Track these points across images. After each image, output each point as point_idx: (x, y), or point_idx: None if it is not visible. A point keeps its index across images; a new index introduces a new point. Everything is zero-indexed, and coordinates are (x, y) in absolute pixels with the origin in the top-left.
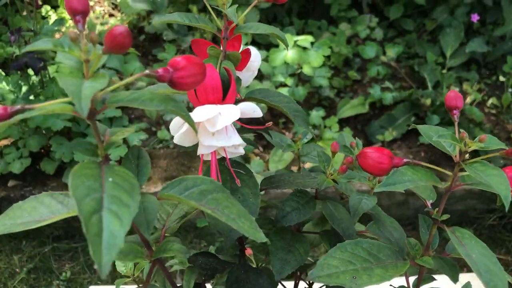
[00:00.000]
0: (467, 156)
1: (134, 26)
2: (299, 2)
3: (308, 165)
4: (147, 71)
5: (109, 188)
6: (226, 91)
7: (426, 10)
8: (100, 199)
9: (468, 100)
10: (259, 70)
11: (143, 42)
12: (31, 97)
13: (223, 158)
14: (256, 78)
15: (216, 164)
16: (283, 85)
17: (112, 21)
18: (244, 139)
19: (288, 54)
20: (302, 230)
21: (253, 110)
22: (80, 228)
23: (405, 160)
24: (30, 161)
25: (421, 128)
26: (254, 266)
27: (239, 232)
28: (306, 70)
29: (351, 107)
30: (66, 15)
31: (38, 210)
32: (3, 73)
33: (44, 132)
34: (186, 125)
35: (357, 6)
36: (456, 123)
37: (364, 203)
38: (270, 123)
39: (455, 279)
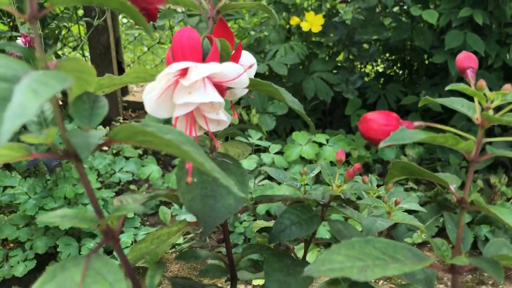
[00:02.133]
0: (490, 112)
1: None
2: (316, 114)
3: None
4: None
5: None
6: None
7: (444, 118)
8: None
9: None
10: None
11: (164, 155)
12: (44, 199)
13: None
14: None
15: (192, 126)
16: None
17: None
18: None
19: (304, 149)
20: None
21: (236, 71)
22: None
23: (416, 123)
24: (35, 264)
25: (440, 101)
26: None
27: (220, 214)
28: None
29: None
30: None
31: None
32: (19, 176)
33: (53, 232)
34: (160, 86)
35: None
36: (472, 83)
37: (380, 223)
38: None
39: (499, 276)
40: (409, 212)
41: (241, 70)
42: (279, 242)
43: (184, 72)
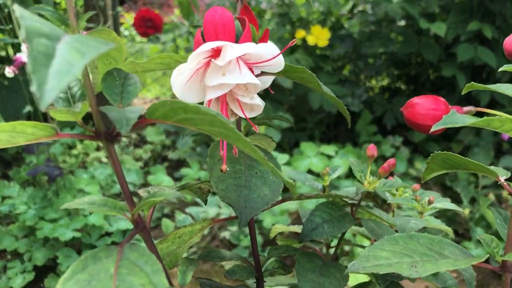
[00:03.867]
0: None
1: (159, 155)
2: (321, 127)
3: None
4: None
5: None
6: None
7: (451, 134)
8: None
9: None
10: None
11: (167, 168)
12: (44, 209)
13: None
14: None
15: (225, 111)
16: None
17: (139, 151)
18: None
19: (313, 162)
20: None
21: (272, 52)
22: None
23: (466, 108)
24: (34, 276)
25: (487, 87)
26: None
27: (256, 205)
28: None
29: None
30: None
31: None
32: (18, 186)
33: (52, 244)
34: (190, 67)
35: (381, 128)
36: None
37: (414, 223)
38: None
39: None
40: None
41: (278, 51)
42: (303, 245)
43: (216, 53)
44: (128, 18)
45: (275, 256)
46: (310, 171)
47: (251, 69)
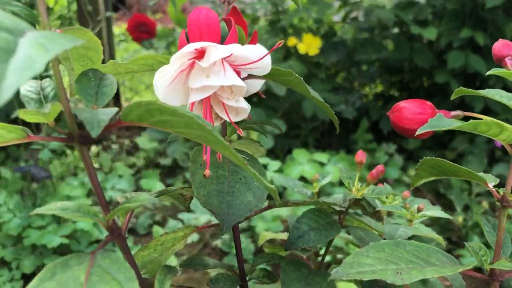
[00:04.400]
0: None
1: (151, 161)
2: (315, 135)
3: None
4: None
5: None
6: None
7: (445, 142)
8: None
9: None
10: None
11: (160, 175)
12: (30, 217)
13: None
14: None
15: (209, 114)
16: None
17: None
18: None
19: (305, 168)
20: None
21: (258, 54)
22: None
23: (453, 112)
24: (22, 284)
25: (477, 92)
26: None
27: (239, 212)
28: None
29: None
30: None
31: None
32: (4, 193)
33: (41, 251)
34: (174, 68)
35: (376, 138)
36: None
37: (402, 231)
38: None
39: None
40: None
41: (264, 52)
42: (290, 253)
43: (200, 54)
44: (121, 25)
45: (261, 264)
46: (302, 178)
47: (237, 72)
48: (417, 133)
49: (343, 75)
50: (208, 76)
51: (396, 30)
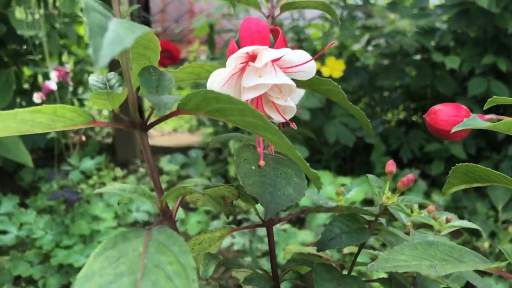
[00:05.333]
0: None
1: (174, 185)
2: (337, 160)
3: None
4: None
5: None
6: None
7: None
8: None
9: None
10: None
11: None
12: (60, 235)
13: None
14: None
15: (261, 108)
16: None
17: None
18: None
19: (328, 190)
20: None
21: (304, 58)
22: None
23: (488, 116)
24: None
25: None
26: None
27: (281, 201)
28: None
29: None
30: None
31: None
32: (34, 212)
33: (67, 270)
34: (228, 70)
35: (397, 162)
36: None
37: (431, 240)
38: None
39: None
40: None
41: (309, 57)
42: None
43: (251, 58)
44: None
45: (293, 267)
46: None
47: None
48: (453, 130)
49: (365, 101)
50: (261, 76)
51: (418, 57)
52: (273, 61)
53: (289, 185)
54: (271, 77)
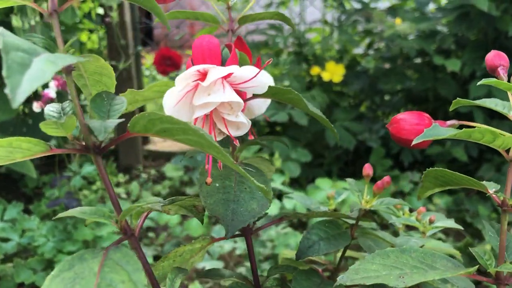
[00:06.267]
0: None
1: (177, 190)
2: (338, 164)
3: None
4: None
5: None
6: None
7: (471, 170)
8: None
9: None
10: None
11: None
12: (62, 242)
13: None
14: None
15: (212, 129)
16: None
17: (158, 187)
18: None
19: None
20: None
21: (253, 73)
22: None
23: (449, 122)
24: None
25: (473, 102)
26: None
27: (243, 218)
28: (345, 209)
29: None
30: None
31: None
32: (37, 219)
33: None
34: (179, 89)
35: (398, 165)
36: (505, 79)
37: (414, 242)
38: None
39: None
40: None
41: (257, 71)
42: (309, 267)
43: (204, 76)
44: (149, 59)
45: (274, 275)
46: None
47: (237, 91)
48: (413, 143)
49: (367, 104)
50: (209, 94)
51: (418, 60)
52: (224, 77)
53: (253, 199)
54: (219, 95)
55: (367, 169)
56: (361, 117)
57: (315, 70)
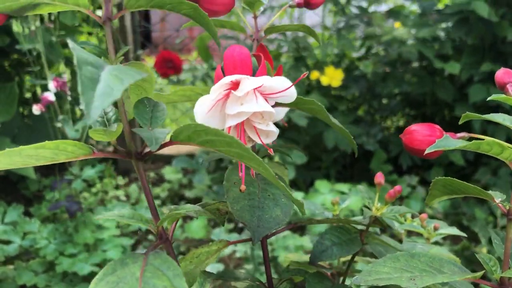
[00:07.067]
0: None
1: (176, 193)
2: (337, 167)
3: None
4: None
5: None
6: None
7: (468, 174)
8: None
9: None
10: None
11: None
12: (64, 244)
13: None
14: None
15: (243, 137)
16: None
17: (157, 189)
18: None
19: (327, 198)
20: None
21: (285, 85)
22: None
23: (459, 134)
24: None
25: (482, 117)
26: None
27: (268, 225)
28: (345, 213)
29: None
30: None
31: None
32: (38, 221)
33: (71, 279)
34: (212, 98)
35: (397, 169)
36: None
37: (420, 247)
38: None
39: None
40: None
41: (289, 83)
42: (316, 271)
43: (235, 86)
44: (149, 61)
45: (288, 278)
46: (324, 207)
47: (266, 100)
48: (426, 152)
49: (365, 108)
50: (242, 103)
51: (416, 64)
52: (255, 88)
53: (277, 206)
54: (252, 105)
55: (379, 178)
56: (359, 121)
57: (314, 74)
